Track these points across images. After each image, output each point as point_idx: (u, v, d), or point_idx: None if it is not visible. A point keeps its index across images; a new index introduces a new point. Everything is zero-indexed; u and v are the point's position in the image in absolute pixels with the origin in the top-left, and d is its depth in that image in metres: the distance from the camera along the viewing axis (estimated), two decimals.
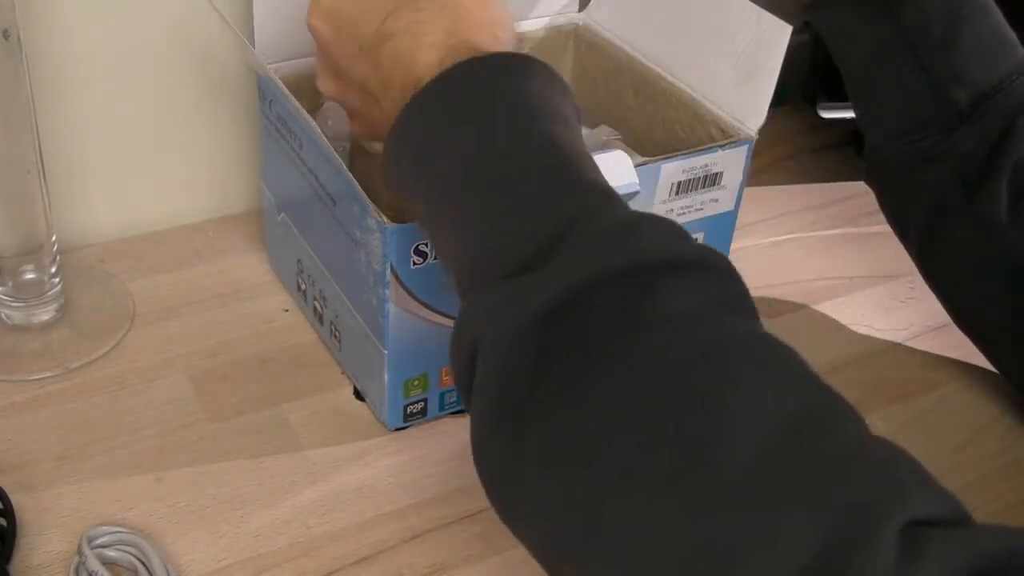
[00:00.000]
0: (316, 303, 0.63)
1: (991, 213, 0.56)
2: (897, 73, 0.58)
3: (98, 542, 0.51)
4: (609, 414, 0.35)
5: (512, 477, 0.38)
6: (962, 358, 0.68)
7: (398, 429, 0.59)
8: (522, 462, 0.37)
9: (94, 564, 0.49)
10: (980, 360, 0.68)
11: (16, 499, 0.53)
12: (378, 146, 0.49)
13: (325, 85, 0.51)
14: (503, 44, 0.46)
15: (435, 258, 0.54)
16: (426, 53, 0.45)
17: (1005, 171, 0.55)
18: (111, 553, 0.51)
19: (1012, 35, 0.57)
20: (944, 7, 0.56)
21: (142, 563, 0.50)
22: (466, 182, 0.42)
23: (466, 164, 0.42)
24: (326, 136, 0.55)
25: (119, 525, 0.52)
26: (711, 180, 0.61)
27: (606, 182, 0.42)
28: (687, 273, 0.38)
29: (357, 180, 0.53)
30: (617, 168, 0.57)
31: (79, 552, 0.50)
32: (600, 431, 0.35)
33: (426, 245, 0.53)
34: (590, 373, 0.36)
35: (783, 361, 0.37)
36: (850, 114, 0.82)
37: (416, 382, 0.58)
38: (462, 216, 0.42)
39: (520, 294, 0.37)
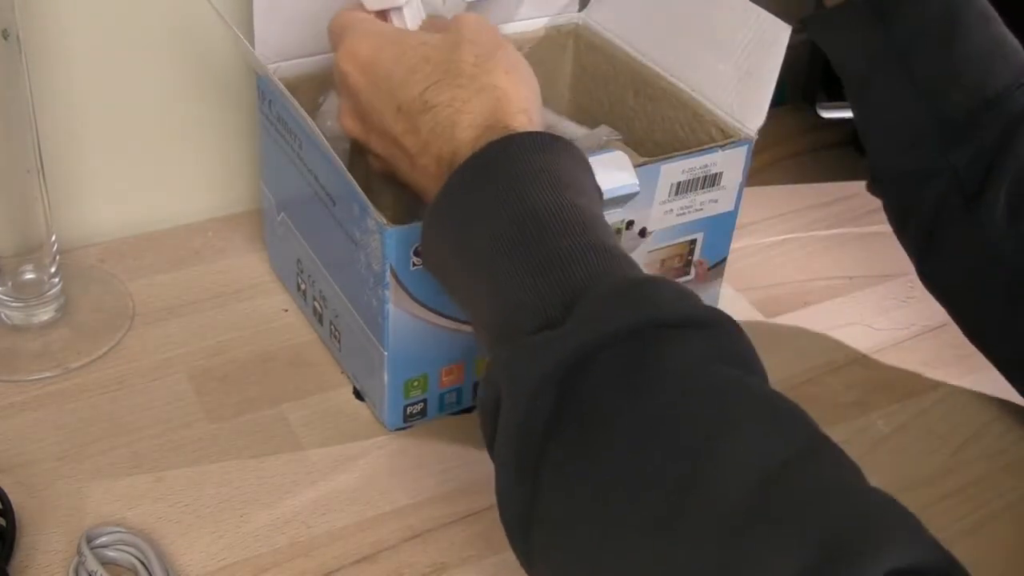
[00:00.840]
0: (316, 303, 0.63)
1: (989, 221, 0.55)
2: (893, 86, 0.57)
3: (97, 542, 0.51)
4: (613, 467, 0.37)
5: (531, 530, 0.40)
6: (962, 358, 0.68)
7: (398, 429, 0.59)
8: (539, 516, 0.39)
9: (93, 564, 0.49)
10: (980, 360, 0.68)
11: (16, 499, 0.53)
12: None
13: (351, 125, 0.53)
14: (534, 125, 0.49)
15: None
16: (465, 131, 0.48)
17: (1004, 180, 0.55)
18: (111, 553, 0.51)
19: (1014, 42, 0.57)
20: (940, 15, 0.55)
21: (142, 563, 0.50)
22: (498, 247, 0.44)
23: (500, 230, 0.44)
24: (326, 136, 0.55)
25: (119, 525, 0.52)
26: (711, 180, 0.61)
27: (623, 249, 0.45)
28: (692, 332, 0.40)
29: (357, 180, 0.53)
30: (617, 168, 0.57)
31: (78, 552, 0.50)
32: (605, 482, 0.37)
33: None
34: (597, 429, 0.38)
35: (781, 410, 0.39)
36: (850, 114, 0.82)
37: (416, 383, 0.58)
38: (493, 280, 0.44)
39: (537, 351, 0.40)
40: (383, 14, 0.56)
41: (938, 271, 0.60)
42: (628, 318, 0.39)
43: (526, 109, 0.49)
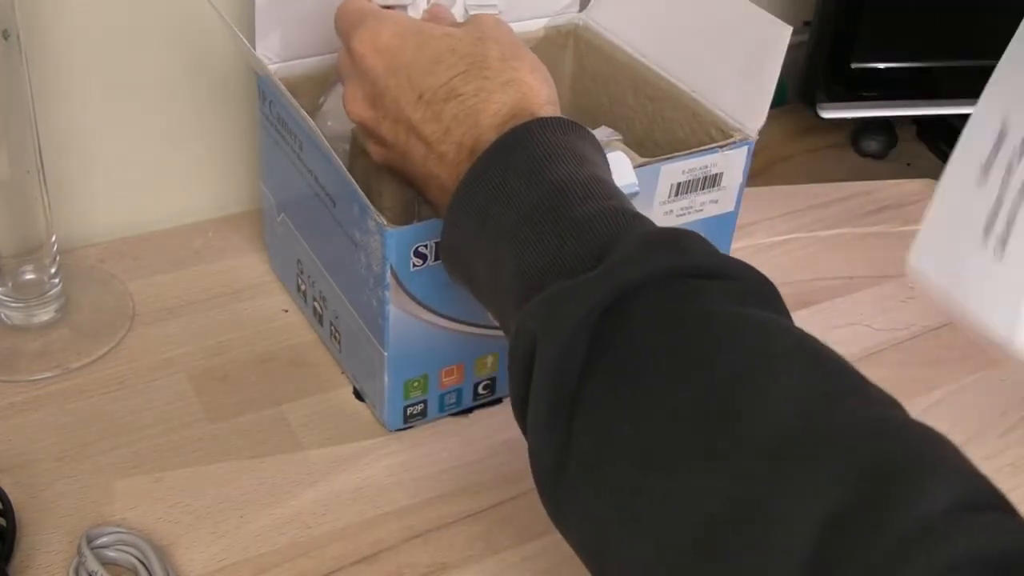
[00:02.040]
0: (316, 303, 0.63)
1: None
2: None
3: (98, 542, 0.51)
4: (650, 400, 0.38)
5: (562, 477, 0.40)
6: (962, 358, 0.68)
7: (398, 430, 0.59)
8: (572, 461, 0.39)
9: (93, 564, 0.49)
10: (980, 360, 0.68)
11: (16, 499, 0.53)
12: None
13: (360, 110, 0.52)
14: (554, 106, 0.50)
15: (437, 259, 0.54)
16: (490, 118, 0.48)
17: None
18: (111, 553, 0.51)
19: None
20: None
21: (142, 563, 0.50)
22: (525, 217, 0.45)
23: (526, 202, 0.45)
24: (326, 136, 0.55)
25: (119, 525, 0.52)
26: (711, 181, 0.61)
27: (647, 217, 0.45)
28: (725, 280, 0.41)
29: (357, 181, 0.53)
30: (617, 168, 0.57)
31: (79, 552, 0.50)
32: (640, 417, 0.38)
33: (426, 247, 0.53)
34: (633, 367, 0.39)
35: (820, 349, 0.40)
36: (850, 114, 0.82)
37: (416, 383, 0.58)
38: (521, 248, 0.44)
39: (571, 295, 0.40)
40: (387, 9, 0.56)
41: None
42: (661, 263, 0.40)
43: (552, 102, 0.50)
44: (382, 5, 0.56)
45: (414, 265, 0.53)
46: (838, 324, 0.70)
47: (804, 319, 0.70)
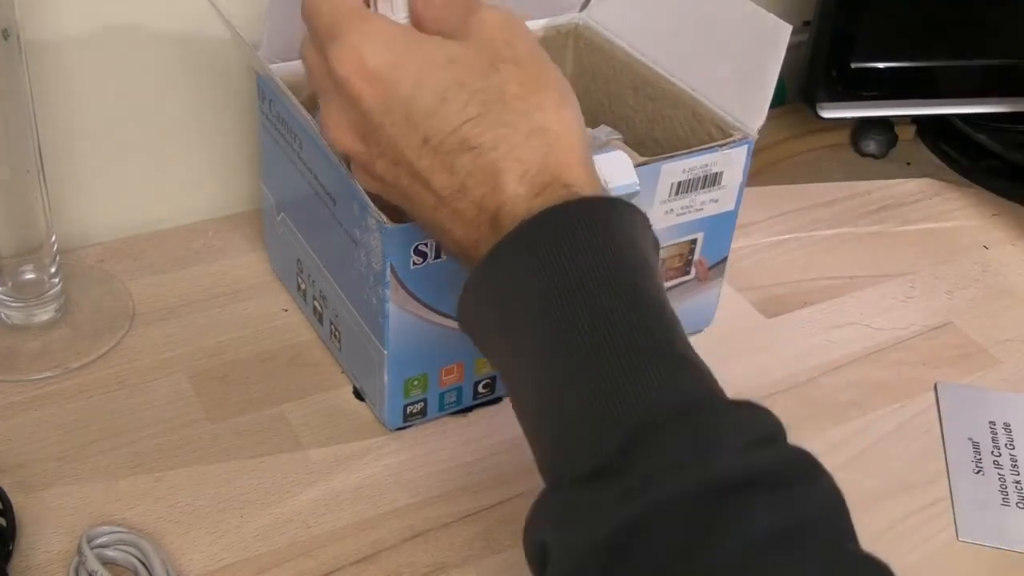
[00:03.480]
0: (316, 303, 0.63)
1: None
2: None
3: (98, 542, 0.51)
4: None
5: None
6: (962, 358, 0.68)
7: (398, 429, 0.59)
8: None
9: (94, 564, 0.49)
10: (980, 360, 0.68)
11: (16, 499, 0.53)
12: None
13: (346, 140, 0.45)
14: (589, 171, 0.44)
15: (437, 257, 0.54)
16: (515, 183, 0.42)
17: None
18: (111, 553, 0.51)
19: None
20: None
21: (142, 563, 0.50)
22: (551, 343, 0.40)
23: (552, 323, 0.40)
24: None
25: (119, 525, 0.52)
26: (711, 180, 0.61)
27: (686, 349, 0.40)
28: (763, 495, 0.36)
29: None
30: (617, 168, 0.57)
31: (79, 552, 0.50)
32: None
33: (426, 245, 0.53)
34: None
35: None
36: (850, 114, 0.82)
37: (416, 382, 0.58)
38: (546, 384, 0.40)
39: (587, 513, 0.36)
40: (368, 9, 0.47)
41: None
42: (688, 478, 0.35)
43: (581, 158, 0.43)
44: None
45: (414, 263, 0.53)
46: (838, 324, 0.70)
47: (804, 319, 0.71)
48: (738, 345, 0.67)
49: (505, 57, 0.44)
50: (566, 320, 0.40)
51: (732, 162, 0.60)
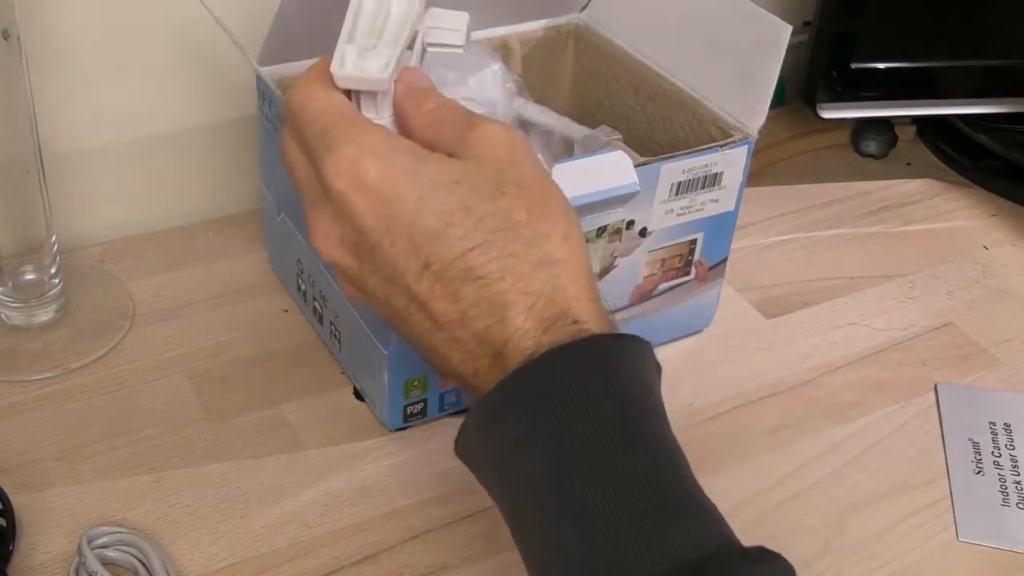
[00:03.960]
0: (316, 303, 0.63)
1: None
2: None
3: (98, 542, 0.51)
4: None
5: None
6: (962, 358, 0.68)
7: (398, 429, 0.59)
8: None
9: (94, 564, 0.49)
10: (980, 360, 0.68)
11: (16, 499, 0.53)
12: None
13: (335, 253, 0.43)
14: (597, 304, 0.42)
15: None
16: (521, 317, 0.40)
17: None
18: (111, 553, 0.51)
19: None
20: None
21: (142, 563, 0.50)
22: (556, 490, 0.38)
23: (558, 469, 0.38)
24: None
25: (119, 525, 0.52)
26: (711, 180, 0.61)
27: (697, 495, 0.39)
28: None
29: None
30: (617, 168, 0.57)
31: (79, 552, 0.50)
32: None
33: None
34: None
35: None
36: (850, 114, 0.82)
37: (416, 382, 0.58)
38: (545, 530, 0.39)
39: None
40: (348, 91, 0.44)
41: None
42: None
43: (589, 289, 0.42)
44: (343, 88, 0.44)
45: None
46: (838, 324, 0.70)
47: (804, 319, 0.71)
48: (738, 345, 0.67)
49: (510, 179, 0.42)
50: (572, 467, 0.38)
51: (732, 162, 0.60)
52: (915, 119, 0.89)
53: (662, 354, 0.62)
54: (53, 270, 0.63)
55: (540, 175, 0.43)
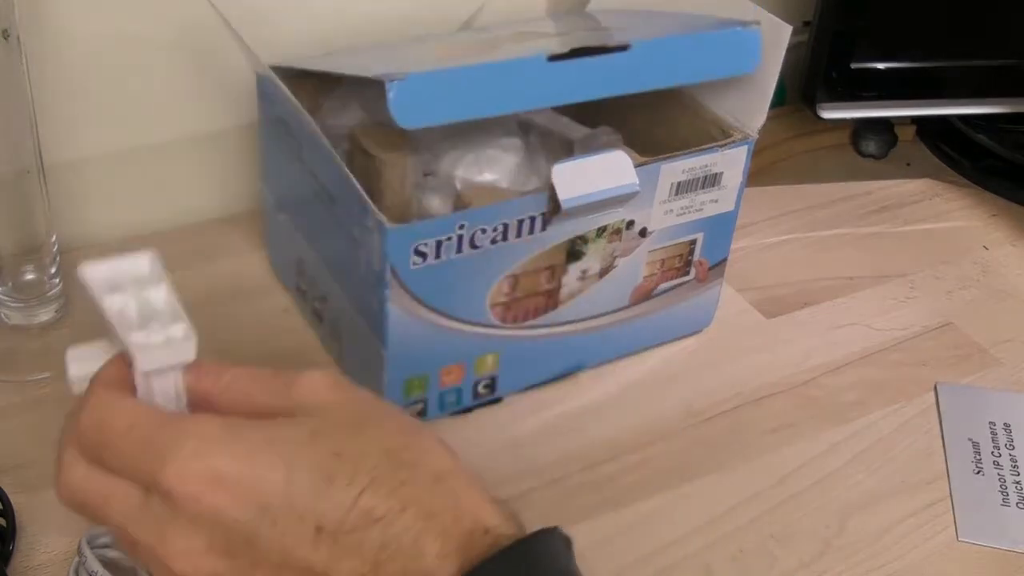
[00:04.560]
0: (316, 303, 0.63)
1: None
2: None
3: (98, 542, 0.51)
4: None
5: None
6: (962, 358, 0.68)
7: None
8: None
9: (94, 565, 0.49)
10: (980, 360, 0.68)
11: (16, 499, 0.53)
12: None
13: (203, 563, 0.37)
14: (496, 503, 0.40)
15: (437, 257, 0.54)
16: (438, 544, 0.37)
17: None
18: (111, 554, 0.51)
19: None
20: None
21: None
22: None
23: None
24: (328, 134, 0.55)
25: None
26: (711, 180, 0.61)
27: None
28: None
29: (357, 180, 0.53)
30: (617, 168, 0.57)
31: (79, 552, 0.50)
32: None
33: (426, 245, 0.53)
34: None
35: None
36: (850, 114, 0.82)
37: (416, 382, 0.58)
38: None
39: None
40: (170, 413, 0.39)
41: None
42: None
43: (482, 490, 0.40)
44: (146, 369, 0.40)
45: (414, 263, 0.53)
46: (838, 324, 0.70)
47: (804, 319, 0.71)
48: (738, 345, 0.67)
49: (360, 413, 0.40)
50: None
51: (732, 162, 0.60)
52: (915, 119, 0.89)
53: (662, 354, 0.62)
54: (53, 270, 0.63)
55: (378, 401, 0.41)
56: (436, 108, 0.53)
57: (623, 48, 0.56)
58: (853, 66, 0.80)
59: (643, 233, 0.60)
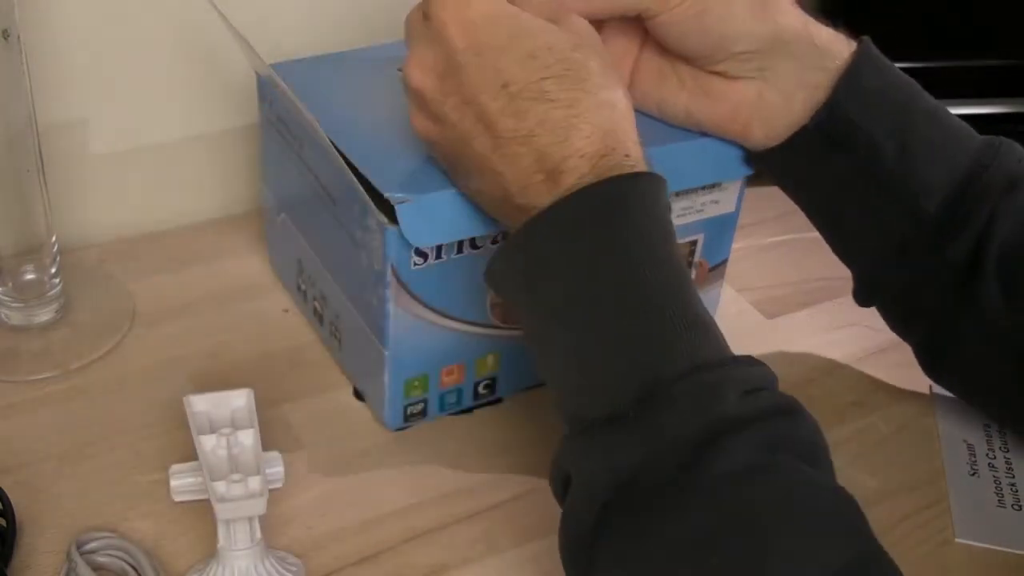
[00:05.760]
0: (316, 303, 0.63)
1: (988, 306, 0.54)
2: (867, 208, 0.56)
3: (87, 548, 0.51)
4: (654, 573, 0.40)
5: None
6: None
7: (398, 430, 0.59)
8: None
9: (84, 571, 0.49)
10: None
11: (16, 499, 0.53)
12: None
13: (420, 77, 0.49)
14: (641, 149, 0.48)
15: (438, 258, 0.54)
16: (580, 142, 0.46)
17: (991, 262, 0.53)
18: (100, 559, 0.51)
19: (965, 129, 0.56)
20: (890, 128, 0.54)
21: (132, 568, 0.50)
22: (575, 308, 0.45)
23: (579, 289, 0.45)
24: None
25: (112, 530, 0.52)
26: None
27: (702, 312, 0.45)
28: (750, 427, 0.41)
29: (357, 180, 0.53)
30: None
31: (68, 559, 0.50)
32: None
33: (426, 245, 0.53)
34: (646, 541, 0.41)
35: (832, 513, 0.40)
36: None
37: (416, 383, 0.58)
38: (565, 341, 0.45)
39: (607, 450, 0.42)
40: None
41: (951, 368, 0.59)
42: (689, 425, 0.41)
43: (637, 137, 0.48)
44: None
45: (415, 264, 0.53)
46: (838, 324, 0.70)
47: (804, 319, 0.71)
48: (738, 346, 0.67)
49: (589, 44, 0.49)
50: (606, 279, 0.44)
51: None
52: None
53: None
54: (53, 270, 0.63)
55: (606, 52, 0.50)
56: (444, 229, 0.53)
57: None
58: None
59: None
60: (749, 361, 0.44)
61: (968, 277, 0.54)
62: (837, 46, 0.55)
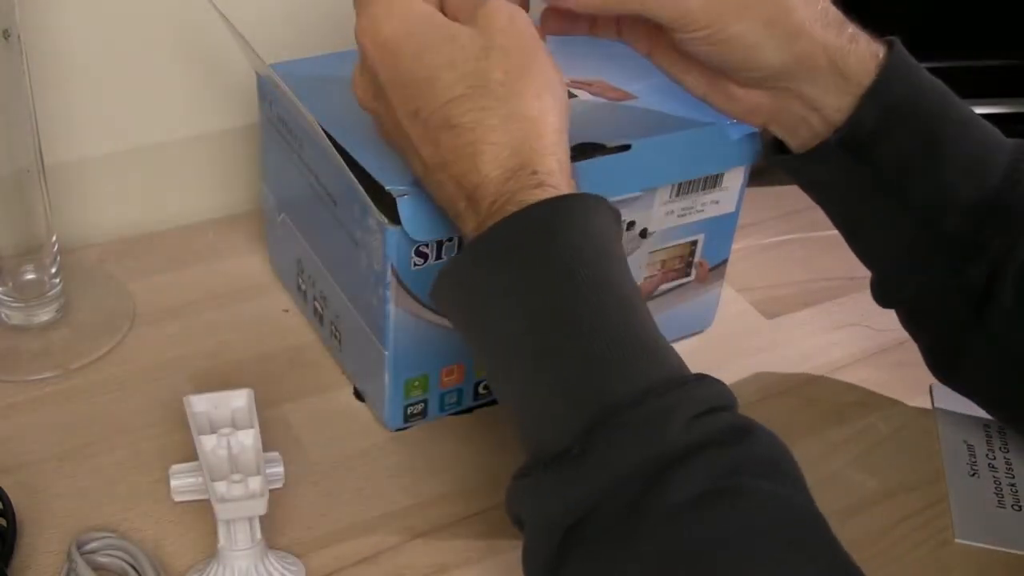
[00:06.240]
0: (316, 303, 0.63)
1: (1002, 326, 0.53)
2: (889, 219, 0.55)
3: (87, 548, 0.51)
4: None
5: None
6: None
7: (398, 430, 0.59)
8: None
9: (84, 571, 0.49)
10: None
11: (16, 499, 0.53)
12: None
13: (363, 97, 0.50)
14: (557, 158, 0.46)
15: (438, 258, 0.54)
16: (490, 165, 0.45)
17: (1010, 280, 0.52)
18: (101, 559, 0.51)
19: (995, 136, 0.55)
20: (922, 141, 0.53)
21: (133, 567, 0.50)
22: (510, 345, 0.44)
23: (519, 326, 0.43)
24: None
25: (112, 529, 0.52)
26: (712, 181, 0.61)
27: (653, 335, 0.44)
28: (701, 453, 0.39)
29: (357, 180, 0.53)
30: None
31: (68, 559, 0.50)
32: None
33: (427, 246, 0.53)
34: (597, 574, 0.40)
35: (793, 530, 0.39)
36: None
37: (416, 383, 0.58)
38: (507, 379, 0.45)
39: (548, 494, 0.41)
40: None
41: (960, 373, 0.58)
42: (635, 456, 0.40)
43: (554, 147, 0.46)
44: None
45: (415, 264, 0.53)
46: (838, 324, 0.70)
47: (804, 320, 0.71)
48: (738, 346, 0.68)
49: (497, 45, 0.46)
50: (538, 311, 0.43)
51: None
52: None
53: None
54: (53, 270, 0.63)
55: (528, 44, 0.47)
56: (445, 223, 0.52)
57: (624, 148, 0.56)
58: None
59: (644, 234, 0.60)
60: (702, 380, 0.42)
61: (986, 294, 0.53)
62: (865, 66, 0.53)
